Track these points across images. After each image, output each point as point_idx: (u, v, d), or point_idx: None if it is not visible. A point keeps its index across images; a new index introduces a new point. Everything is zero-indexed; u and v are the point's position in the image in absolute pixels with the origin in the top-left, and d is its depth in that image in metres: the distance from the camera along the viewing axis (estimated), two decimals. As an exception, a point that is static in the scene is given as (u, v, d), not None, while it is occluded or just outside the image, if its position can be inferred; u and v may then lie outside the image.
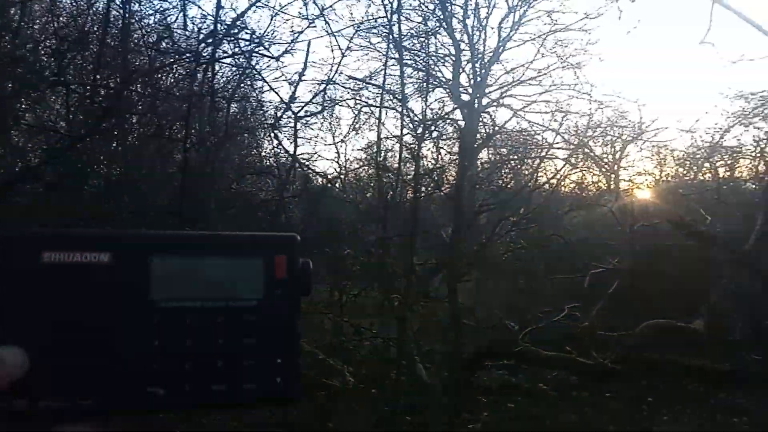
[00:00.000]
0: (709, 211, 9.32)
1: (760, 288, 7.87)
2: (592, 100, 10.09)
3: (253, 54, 6.53)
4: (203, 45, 6.18)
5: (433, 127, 8.51)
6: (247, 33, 6.34)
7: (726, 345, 7.23)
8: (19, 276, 0.56)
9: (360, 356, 6.83)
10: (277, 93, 8.44)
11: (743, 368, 6.73)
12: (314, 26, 6.87)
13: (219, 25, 6.07)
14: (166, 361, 0.58)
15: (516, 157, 10.52)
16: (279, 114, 7.27)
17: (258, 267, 0.62)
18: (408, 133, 8.05)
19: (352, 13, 11.72)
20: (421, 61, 8.94)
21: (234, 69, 7.23)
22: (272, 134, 7.42)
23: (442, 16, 8.08)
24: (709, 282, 8.00)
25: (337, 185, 10.50)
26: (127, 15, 6.02)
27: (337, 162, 10.61)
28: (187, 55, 6.24)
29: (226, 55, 6.61)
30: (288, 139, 7.57)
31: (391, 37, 7.62)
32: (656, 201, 10.51)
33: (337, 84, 7.77)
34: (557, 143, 10.25)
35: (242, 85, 7.54)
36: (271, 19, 6.49)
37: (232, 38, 6.30)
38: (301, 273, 0.64)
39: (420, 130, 7.74)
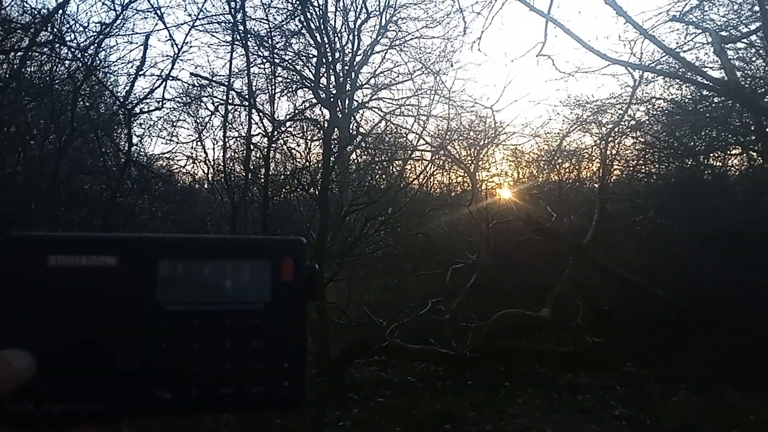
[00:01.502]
0: (556, 208, 10.25)
1: (598, 277, 8.79)
2: (453, 105, 10.69)
3: (61, 44, 6.04)
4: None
5: (285, 127, 8.41)
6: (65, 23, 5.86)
7: (570, 330, 7.94)
8: (26, 279, 0.56)
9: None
10: (108, 89, 7.86)
11: (585, 350, 7.45)
12: (146, 17, 6.52)
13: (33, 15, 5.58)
14: (172, 365, 0.57)
15: (384, 157, 10.82)
16: (114, 110, 6.82)
17: (265, 270, 0.62)
18: (259, 133, 7.93)
19: (193, 8, 11.19)
20: (287, 61, 8.88)
21: (76, 63, 6.70)
22: (100, 133, 6.90)
23: (302, 18, 8.08)
24: (556, 274, 8.75)
25: (205, 185, 10.12)
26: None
27: (205, 162, 10.24)
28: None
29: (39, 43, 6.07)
30: (138, 136, 7.15)
31: (237, 35, 7.41)
32: (512, 200, 11.35)
33: (180, 80, 7.50)
34: (421, 145, 10.72)
35: (86, 80, 6.98)
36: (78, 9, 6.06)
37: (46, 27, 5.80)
38: (308, 277, 0.63)
39: (270, 129, 7.62)
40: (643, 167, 10.80)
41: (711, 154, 10.12)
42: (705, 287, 6.80)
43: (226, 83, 7.57)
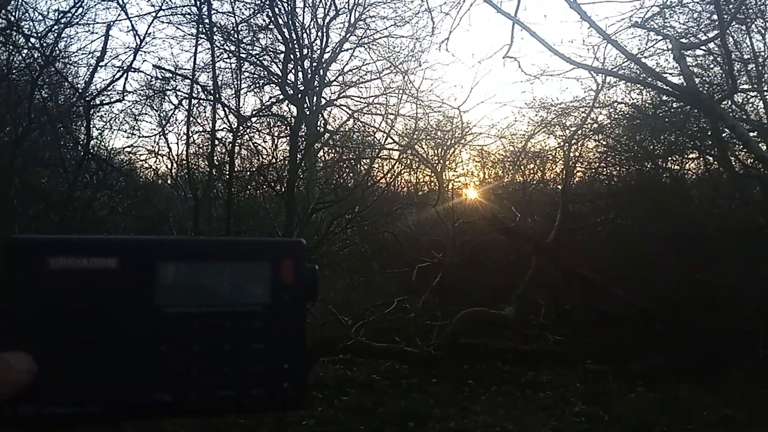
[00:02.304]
0: (520, 209, 10.41)
1: (561, 277, 8.96)
2: (421, 105, 10.74)
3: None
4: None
5: (251, 123, 8.30)
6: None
7: (532, 328, 8.07)
8: (26, 281, 0.55)
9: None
10: (68, 80, 7.60)
11: (547, 348, 7.58)
12: (108, 7, 6.38)
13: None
14: (172, 367, 0.57)
15: (351, 156, 10.80)
16: (73, 101, 6.63)
17: (264, 272, 0.61)
18: (224, 128, 7.82)
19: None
20: (253, 56, 8.76)
21: (33, 52, 6.48)
22: (58, 125, 6.70)
23: (270, 13, 7.99)
24: (519, 273, 8.88)
25: (168, 181, 9.92)
26: None
27: (169, 157, 10.04)
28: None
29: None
30: (98, 129, 6.95)
31: (202, 27, 7.28)
32: (478, 200, 11.48)
33: (143, 72, 7.34)
34: (389, 144, 10.74)
35: (45, 70, 6.76)
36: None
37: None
38: (308, 278, 0.63)
39: (236, 125, 7.51)
40: (604, 169, 11.07)
41: (669, 158, 10.44)
42: (662, 287, 7.00)
43: (191, 77, 7.42)
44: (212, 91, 7.31)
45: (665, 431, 5.31)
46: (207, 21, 7.14)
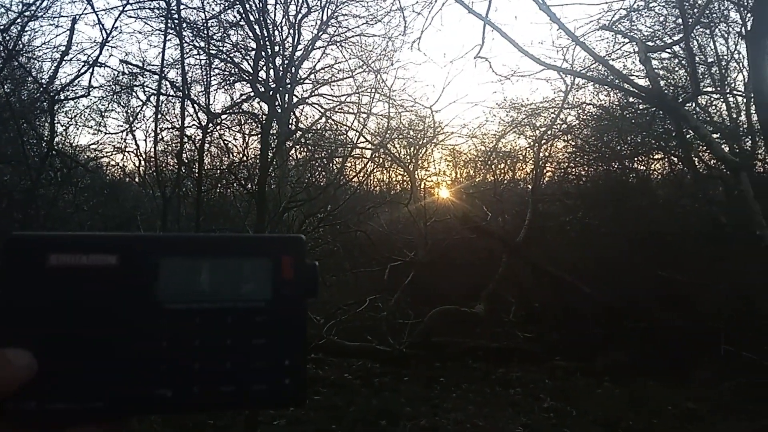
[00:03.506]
0: (491, 208, 10.52)
1: (530, 275, 9.08)
2: (393, 104, 10.75)
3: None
4: None
5: (221, 120, 8.19)
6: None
7: (503, 326, 8.16)
8: (27, 278, 0.56)
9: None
10: (31, 74, 7.39)
11: (517, 346, 7.67)
12: (74, 0, 6.24)
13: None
14: (174, 363, 0.57)
15: (324, 154, 10.76)
16: (36, 96, 6.47)
17: (265, 268, 0.62)
18: (193, 125, 7.71)
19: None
20: (224, 52, 8.66)
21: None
22: (21, 120, 6.52)
23: (241, 9, 7.90)
24: (490, 271, 8.97)
25: (136, 179, 9.74)
26: None
27: (137, 154, 9.85)
28: None
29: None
30: (62, 125, 6.77)
31: (171, 23, 7.16)
32: (450, 199, 11.56)
33: (109, 67, 7.19)
34: (361, 143, 10.73)
35: (7, 64, 6.57)
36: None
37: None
38: (308, 274, 0.63)
39: (205, 121, 7.41)
40: (573, 169, 11.25)
41: (636, 159, 10.67)
42: (628, 284, 7.15)
43: (158, 72, 7.29)
44: (181, 88, 7.19)
45: (631, 425, 5.43)
46: (176, 16, 7.03)
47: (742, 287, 6.38)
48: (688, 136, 8.01)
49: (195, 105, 7.54)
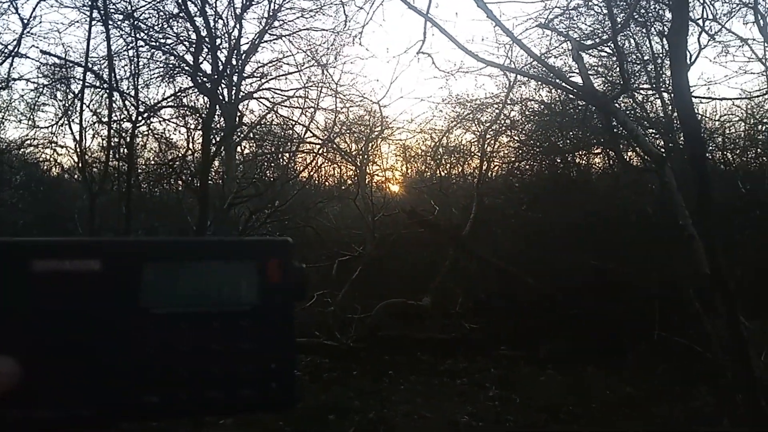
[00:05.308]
0: (438, 202, 10.67)
1: (476, 267, 9.26)
2: (341, 98, 10.73)
3: None
4: None
5: (153, 113, 7.95)
6: None
7: (450, 317, 8.30)
8: (9, 284, 0.55)
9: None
10: None
11: (463, 337, 7.82)
12: None
13: None
14: (159, 369, 0.57)
15: (271, 149, 10.65)
16: None
17: (251, 272, 0.61)
18: (122, 119, 7.47)
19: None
20: (164, 44, 8.42)
21: None
22: None
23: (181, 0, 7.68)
24: (437, 264, 9.11)
25: (76, 175, 9.38)
26: None
27: (77, 151, 9.48)
28: None
29: None
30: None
31: (97, 12, 6.86)
32: (399, 193, 11.65)
33: (30, 58, 6.92)
34: (309, 137, 10.68)
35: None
36: None
37: None
38: (296, 277, 0.62)
39: (135, 114, 7.17)
40: (517, 164, 11.52)
41: (576, 153, 11.02)
42: (568, 274, 7.40)
43: (83, 64, 6.98)
44: (107, 80, 6.91)
45: (571, 410, 5.65)
46: (101, 4, 6.72)
47: (670, 275, 6.71)
48: (618, 131, 8.31)
49: (123, 97, 7.25)
